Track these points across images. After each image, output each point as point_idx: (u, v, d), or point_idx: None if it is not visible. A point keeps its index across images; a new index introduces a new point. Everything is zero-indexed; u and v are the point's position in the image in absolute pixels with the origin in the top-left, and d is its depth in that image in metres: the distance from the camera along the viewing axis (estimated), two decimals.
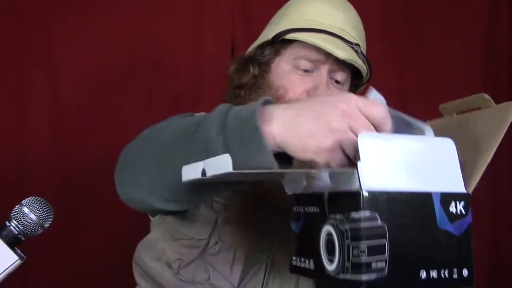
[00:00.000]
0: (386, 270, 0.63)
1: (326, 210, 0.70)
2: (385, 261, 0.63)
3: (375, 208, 0.63)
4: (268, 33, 1.14)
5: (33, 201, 0.83)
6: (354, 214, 0.63)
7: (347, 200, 0.65)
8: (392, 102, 1.76)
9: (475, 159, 0.75)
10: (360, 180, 0.63)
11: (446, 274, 0.67)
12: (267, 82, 1.12)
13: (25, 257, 0.82)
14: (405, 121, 0.72)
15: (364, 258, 0.62)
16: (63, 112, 1.72)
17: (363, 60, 1.11)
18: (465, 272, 0.69)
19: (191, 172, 0.67)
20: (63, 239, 1.22)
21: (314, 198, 0.73)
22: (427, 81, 1.72)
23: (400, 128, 0.69)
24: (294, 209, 0.82)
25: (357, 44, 1.09)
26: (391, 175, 0.66)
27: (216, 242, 1.04)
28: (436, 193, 0.67)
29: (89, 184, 1.27)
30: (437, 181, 0.68)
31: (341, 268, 0.66)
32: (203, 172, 0.64)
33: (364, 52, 1.14)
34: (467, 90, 0.87)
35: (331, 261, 0.69)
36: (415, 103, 1.55)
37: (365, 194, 0.63)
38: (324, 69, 1.08)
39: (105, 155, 1.33)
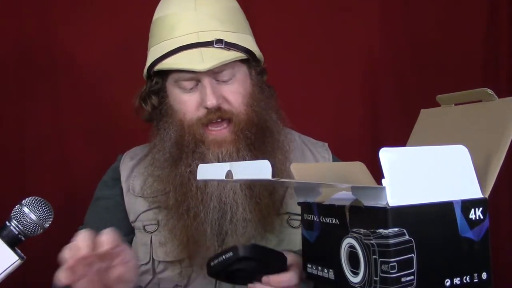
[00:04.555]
0: (415, 283, 0.64)
1: (347, 223, 0.70)
2: (414, 274, 0.64)
3: (402, 222, 0.63)
4: (147, 58, 1.11)
5: (33, 201, 0.82)
6: (382, 230, 0.63)
7: (372, 215, 0.65)
8: (392, 100, 1.75)
9: (488, 157, 0.75)
10: (386, 196, 0.63)
11: (468, 279, 0.68)
12: (169, 106, 1.11)
13: (25, 257, 0.81)
14: None
15: (393, 274, 0.62)
16: (64, 112, 1.68)
17: (236, 46, 1.06)
18: (484, 275, 0.70)
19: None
20: (63, 239, 1.22)
21: (334, 209, 0.72)
22: (427, 80, 1.73)
23: None
24: (306, 217, 0.81)
25: (218, 40, 1.05)
26: (414, 187, 0.66)
27: (160, 262, 1.10)
28: (457, 201, 0.68)
29: (89, 184, 1.26)
30: (456, 189, 0.69)
31: (368, 281, 0.66)
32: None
33: (242, 29, 1.09)
34: (467, 89, 0.87)
35: (355, 273, 0.69)
36: (415, 102, 1.54)
37: (392, 210, 0.63)
38: (205, 80, 1.05)
39: (106, 155, 1.30)
